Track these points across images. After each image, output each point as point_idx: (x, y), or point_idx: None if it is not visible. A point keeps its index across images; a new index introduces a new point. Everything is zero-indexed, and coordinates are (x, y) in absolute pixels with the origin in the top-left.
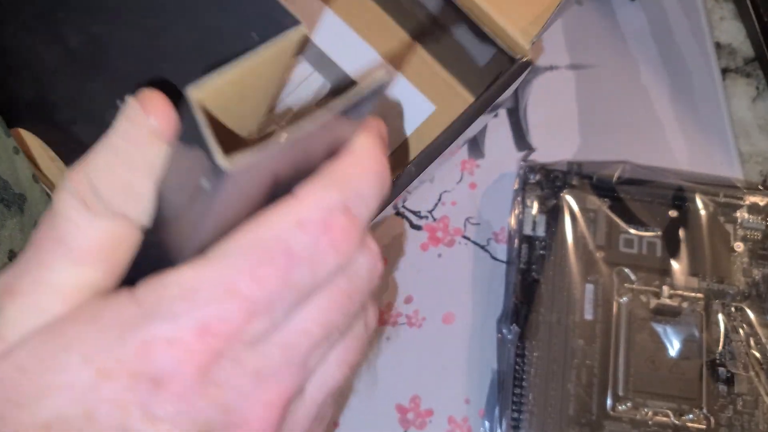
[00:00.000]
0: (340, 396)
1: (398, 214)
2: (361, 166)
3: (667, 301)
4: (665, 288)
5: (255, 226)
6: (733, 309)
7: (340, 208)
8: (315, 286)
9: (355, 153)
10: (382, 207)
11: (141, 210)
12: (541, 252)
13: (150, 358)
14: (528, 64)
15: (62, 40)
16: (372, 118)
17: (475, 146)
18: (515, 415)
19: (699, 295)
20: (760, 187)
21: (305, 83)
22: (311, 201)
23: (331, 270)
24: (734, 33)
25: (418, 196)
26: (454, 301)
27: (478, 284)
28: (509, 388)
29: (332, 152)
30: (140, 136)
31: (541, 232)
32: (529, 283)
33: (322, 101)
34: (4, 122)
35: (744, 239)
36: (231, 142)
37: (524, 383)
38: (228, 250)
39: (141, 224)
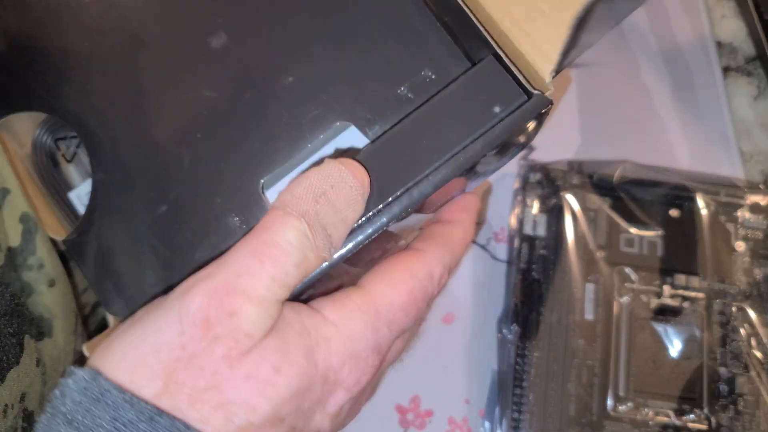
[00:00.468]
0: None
1: None
2: (464, 240)
3: (668, 301)
4: (666, 288)
5: (403, 276)
6: (734, 309)
7: (448, 267)
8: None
9: (464, 228)
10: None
11: (337, 252)
12: (542, 252)
13: (335, 368)
14: (547, 102)
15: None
16: (474, 199)
17: None
18: (515, 415)
19: (700, 294)
20: (761, 186)
21: None
22: (437, 260)
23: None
24: (735, 31)
25: None
26: (454, 301)
27: (478, 284)
28: (509, 388)
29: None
30: (351, 198)
31: (541, 231)
32: (529, 283)
33: None
34: None
35: (745, 239)
36: None
37: (524, 383)
38: (391, 295)
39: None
